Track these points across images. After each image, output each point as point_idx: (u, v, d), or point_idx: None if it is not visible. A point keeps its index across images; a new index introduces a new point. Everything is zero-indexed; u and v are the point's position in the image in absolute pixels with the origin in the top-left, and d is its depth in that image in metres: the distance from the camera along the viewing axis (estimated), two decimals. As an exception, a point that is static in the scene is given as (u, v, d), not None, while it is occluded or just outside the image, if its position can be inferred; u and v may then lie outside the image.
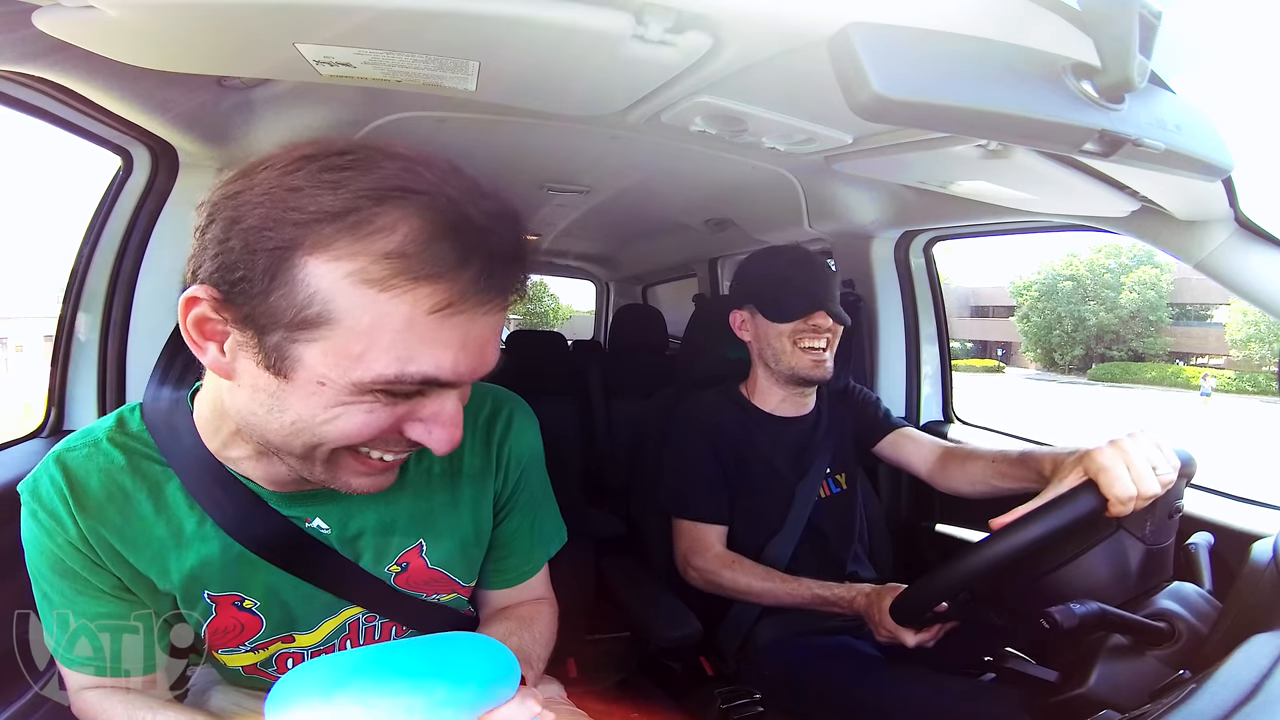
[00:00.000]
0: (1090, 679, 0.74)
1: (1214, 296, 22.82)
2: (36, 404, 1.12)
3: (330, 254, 0.45)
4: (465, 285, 0.46)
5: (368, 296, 0.45)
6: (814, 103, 0.84)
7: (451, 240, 0.46)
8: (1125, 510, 0.75)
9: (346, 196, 0.44)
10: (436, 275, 0.45)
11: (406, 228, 0.45)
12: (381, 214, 0.45)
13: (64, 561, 0.59)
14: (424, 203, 0.45)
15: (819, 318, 1.15)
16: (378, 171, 0.46)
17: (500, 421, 0.73)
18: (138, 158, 1.08)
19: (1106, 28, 0.48)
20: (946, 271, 26.83)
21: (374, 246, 0.45)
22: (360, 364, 0.47)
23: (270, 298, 0.45)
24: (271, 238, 0.45)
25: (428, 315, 0.46)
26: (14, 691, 0.79)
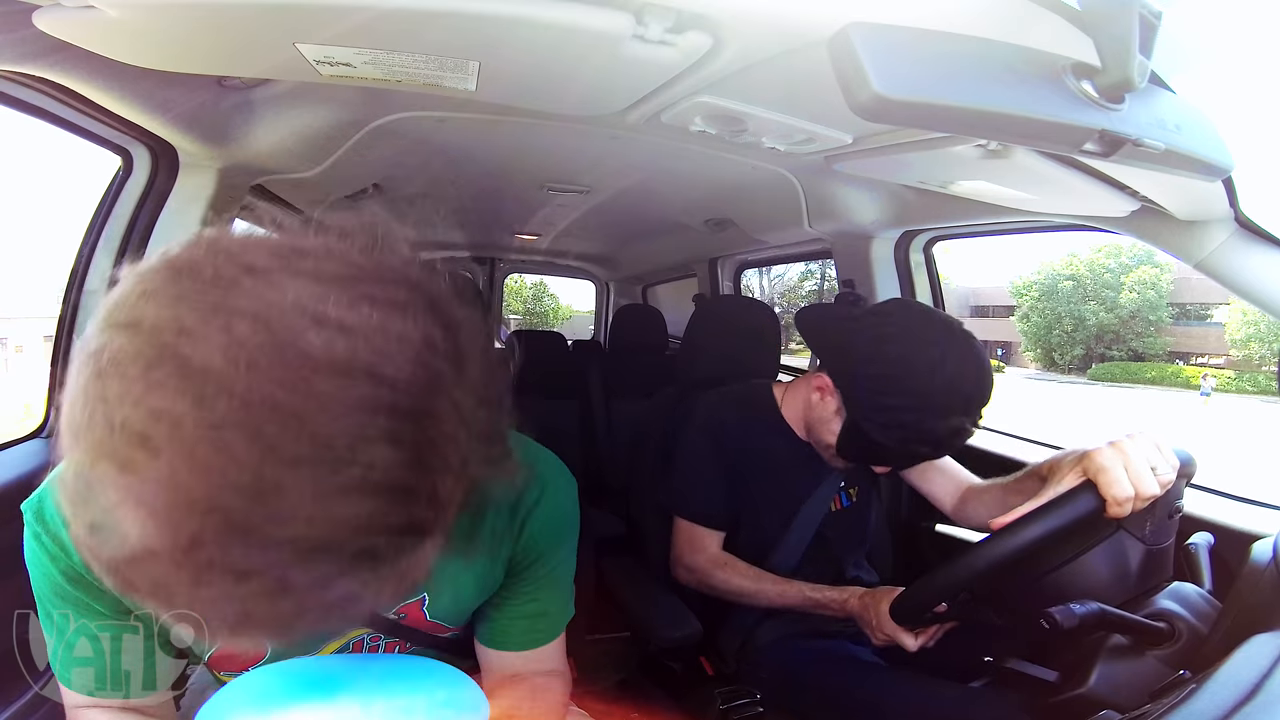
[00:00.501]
0: (1090, 679, 0.74)
1: (1214, 296, 22.80)
2: (36, 404, 1.12)
3: None
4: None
5: None
6: (814, 103, 0.84)
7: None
8: (1123, 511, 0.75)
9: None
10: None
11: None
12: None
13: (66, 586, 0.58)
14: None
15: (882, 469, 1.11)
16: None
17: (532, 493, 0.67)
18: (138, 158, 1.08)
19: (1106, 28, 0.48)
20: (946, 271, 26.79)
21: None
22: None
23: None
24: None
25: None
26: (14, 691, 0.79)
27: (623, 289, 3.88)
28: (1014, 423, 1.74)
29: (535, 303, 29.80)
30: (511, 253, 3.48)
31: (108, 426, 0.31)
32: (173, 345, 0.30)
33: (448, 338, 0.36)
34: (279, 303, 0.31)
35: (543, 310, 29.61)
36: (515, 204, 2.13)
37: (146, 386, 0.30)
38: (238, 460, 0.30)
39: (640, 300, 3.70)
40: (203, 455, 0.30)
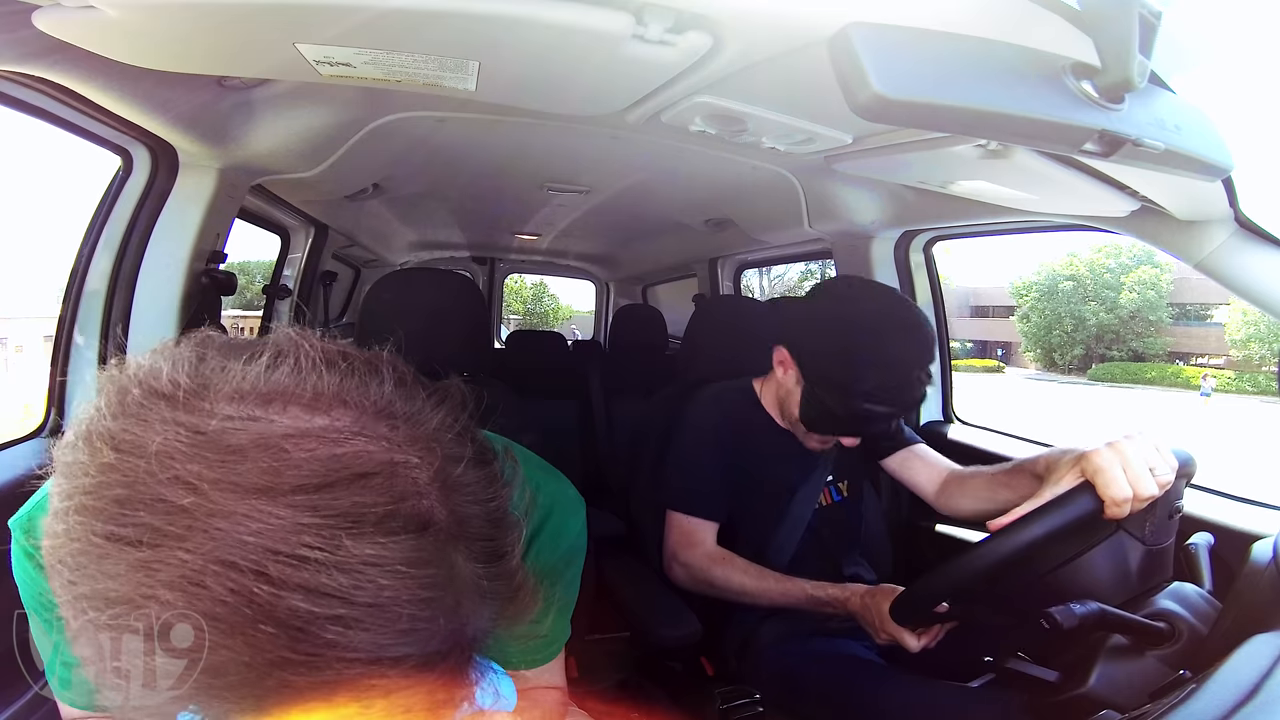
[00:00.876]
0: (1090, 679, 0.74)
1: (1214, 296, 22.78)
2: (36, 404, 1.12)
3: None
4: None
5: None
6: (814, 103, 0.84)
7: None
8: (1122, 512, 0.75)
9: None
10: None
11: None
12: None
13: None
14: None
15: (850, 440, 1.11)
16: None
17: (538, 515, 0.66)
18: (138, 158, 1.08)
19: (1106, 28, 0.48)
20: (946, 271, 26.79)
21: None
22: None
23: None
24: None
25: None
26: (14, 691, 0.79)
27: (623, 289, 3.88)
28: (1013, 423, 1.73)
29: (535, 303, 29.81)
30: (511, 253, 3.49)
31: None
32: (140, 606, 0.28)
33: (451, 522, 0.32)
34: (242, 545, 0.27)
35: (543, 310, 29.61)
36: (515, 204, 2.13)
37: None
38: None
39: (640, 300, 3.70)
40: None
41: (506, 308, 18.20)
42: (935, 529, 1.53)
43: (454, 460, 0.33)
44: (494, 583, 0.34)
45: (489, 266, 3.62)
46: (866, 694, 0.97)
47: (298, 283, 2.13)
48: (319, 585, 0.27)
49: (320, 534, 0.28)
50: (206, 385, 0.31)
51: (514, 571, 0.36)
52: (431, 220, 2.59)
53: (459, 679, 0.33)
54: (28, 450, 1.02)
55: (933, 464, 1.20)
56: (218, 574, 0.27)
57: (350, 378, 0.32)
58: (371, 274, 2.96)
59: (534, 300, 29.79)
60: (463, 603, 0.32)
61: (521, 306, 29.02)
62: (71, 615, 0.30)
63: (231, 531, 0.27)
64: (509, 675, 0.66)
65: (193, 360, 0.32)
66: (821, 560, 1.18)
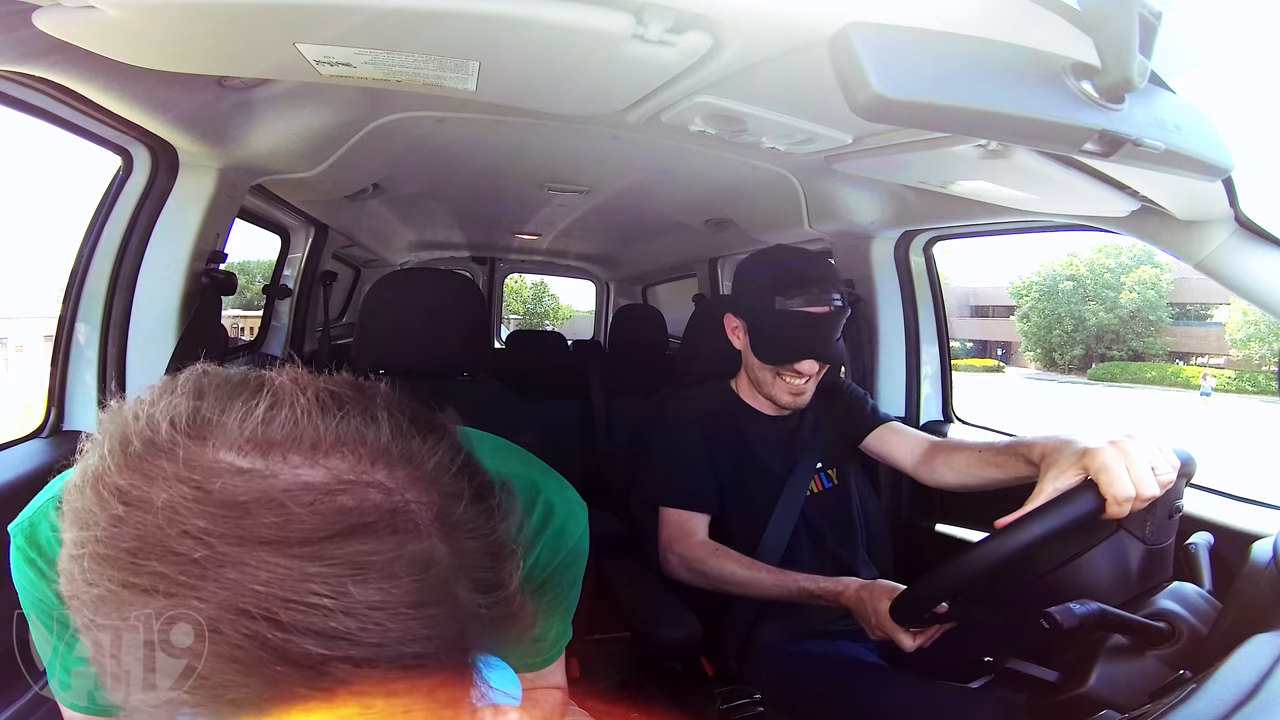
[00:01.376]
0: (1090, 679, 0.74)
1: (1214, 296, 22.80)
2: (36, 404, 1.12)
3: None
4: None
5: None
6: (814, 103, 0.84)
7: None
8: (1123, 511, 0.75)
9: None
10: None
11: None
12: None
13: (61, 609, 0.58)
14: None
15: (805, 365, 1.14)
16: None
17: (537, 518, 0.65)
18: (138, 158, 1.08)
19: (1106, 28, 0.48)
20: (946, 271, 26.81)
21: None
22: None
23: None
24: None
25: None
26: (14, 691, 0.79)
27: (623, 289, 3.88)
28: (1013, 423, 1.74)
29: (535, 303, 29.82)
30: (511, 253, 3.48)
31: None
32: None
33: (452, 559, 0.33)
34: (254, 594, 0.29)
35: (543, 310, 29.62)
36: (515, 204, 2.13)
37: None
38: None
39: (640, 300, 3.70)
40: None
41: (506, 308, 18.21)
42: (935, 529, 1.53)
43: (453, 498, 0.34)
44: (493, 609, 0.35)
45: (489, 266, 3.61)
46: (866, 694, 0.97)
47: (298, 283, 2.13)
48: (328, 629, 0.29)
49: (327, 582, 0.29)
50: (205, 437, 0.31)
51: (512, 597, 0.37)
52: (431, 220, 2.59)
53: (461, 697, 0.34)
54: (28, 450, 1.02)
55: (909, 437, 1.23)
56: (232, 620, 0.28)
57: (346, 422, 0.33)
58: (371, 274, 2.96)
59: (534, 300, 29.81)
60: (464, 631, 0.33)
61: (521, 306, 29.03)
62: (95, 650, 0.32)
63: (242, 581, 0.29)
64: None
65: (189, 409, 0.32)
66: (817, 552, 1.19)
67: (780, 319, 1.13)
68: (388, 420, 0.34)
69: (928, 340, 1.67)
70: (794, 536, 1.17)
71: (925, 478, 1.17)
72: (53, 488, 0.57)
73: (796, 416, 1.26)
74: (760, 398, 1.24)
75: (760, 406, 1.25)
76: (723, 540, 1.16)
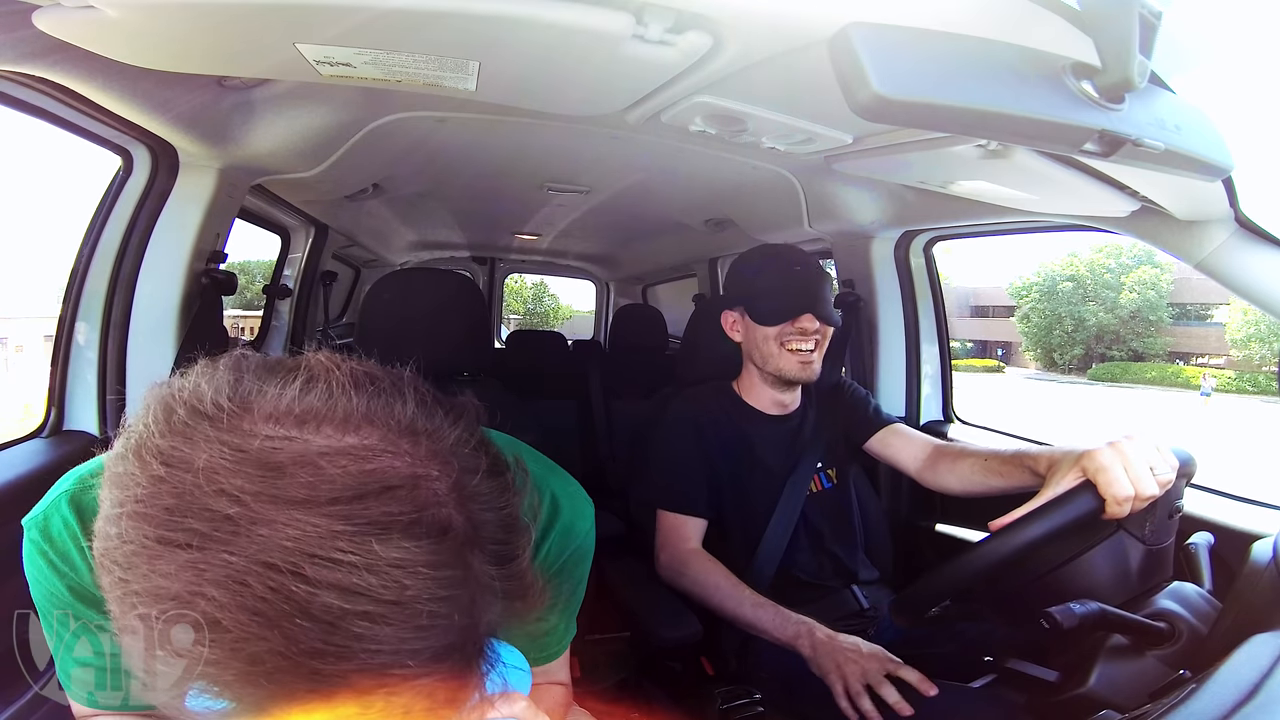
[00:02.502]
0: (1090, 679, 0.74)
1: (1214, 296, 22.80)
2: (36, 404, 1.12)
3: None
4: None
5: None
6: (814, 103, 0.84)
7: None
8: (1123, 511, 0.75)
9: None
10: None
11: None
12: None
13: (74, 603, 0.58)
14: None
15: (805, 320, 1.15)
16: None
17: (545, 515, 0.66)
18: (138, 158, 1.08)
19: (1106, 28, 0.48)
20: (946, 271, 26.82)
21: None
22: None
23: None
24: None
25: None
26: (14, 691, 0.79)
27: (623, 289, 3.88)
28: (1013, 423, 1.74)
29: (535, 303, 29.82)
30: (511, 253, 3.49)
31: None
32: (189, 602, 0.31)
33: (468, 528, 0.35)
34: (282, 549, 0.31)
35: (543, 310, 29.62)
36: (515, 204, 2.13)
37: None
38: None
39: (640, 300, 3.70)
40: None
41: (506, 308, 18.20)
42: (935, 529, 1.53)
43: (470, 471, 0.37)
44: (506, 582, 0.37)
45: (489, 266, 3.62)
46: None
47: (298, 283, 2.13)
48: (350, 584, 0.31)
49: (352, 539, 0.31)
50: (247, 407, 0.34)
51: (524, 572, 0.39)
52: (431, 220, 2.59)
53: (470, 669, 0.36)
54: (28, 450, 1.02)
55: (913, 439, 1.23)
56: (259, 574, 0.30)
57: (377, 399, 0.36)
58: (371, 274, 2.96)
59: (534, 300, 29.81)
60: (477, 600, 0.35)
61: (521, 306, 29.03)
62: (120, 611, 0.34)
63: (272, 537, 0.30)
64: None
65: (231, 382, 0.35)
66: (816, 550, 1.19)
67: (771, 281, 1.19)
68: (413, 397, 0.37)
69: (928, 340, 1.67)
70: (793, 535, 1.17)
71: (929, 482, 1.17)
72: (65, 482, 0.58)
73: (798, 416, 1.26)
74: (762, 398, 1.24)
75: (762, 406, 1.24)
76: (722, 540, 1.16)
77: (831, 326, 1.18)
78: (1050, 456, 0.88)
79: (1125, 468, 0.75)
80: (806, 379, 1.19)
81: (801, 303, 1.15)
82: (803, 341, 1.17)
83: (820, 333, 1.17)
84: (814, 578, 1.17)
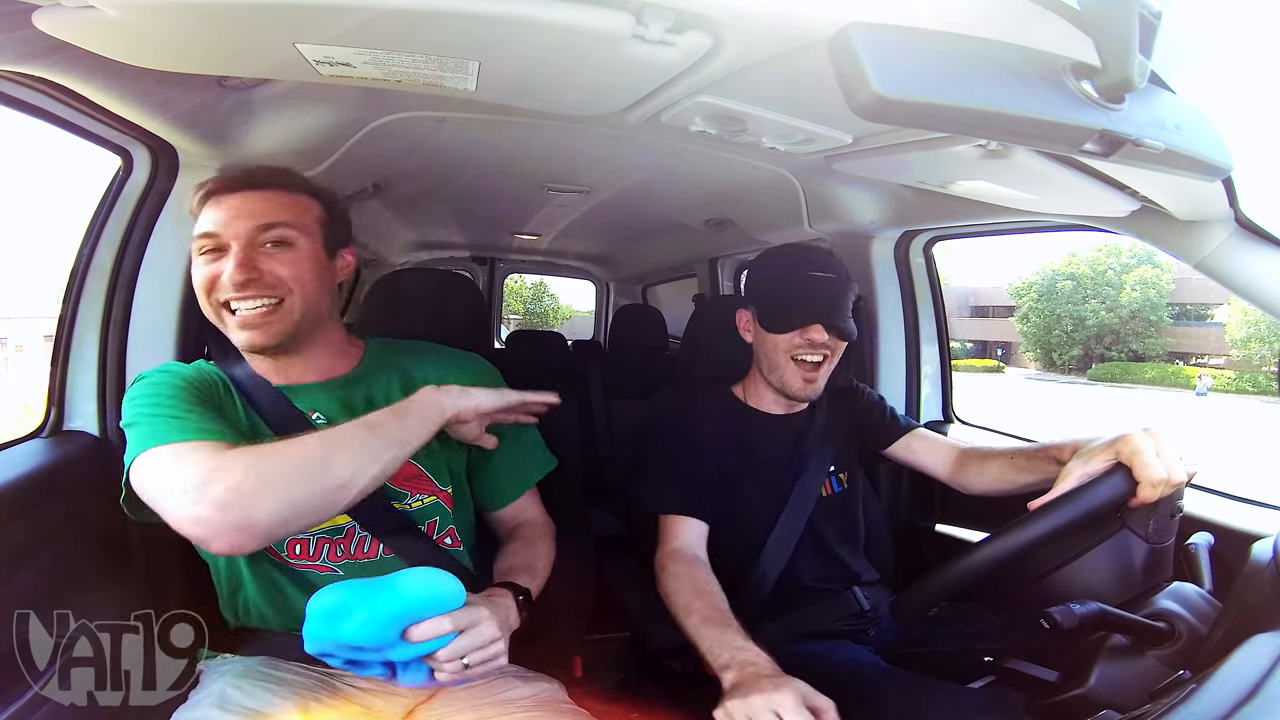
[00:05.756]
0: (1090, 679, 0.74)
1: (1214, 296, 22.81)
2: (36, 404, 1.12)
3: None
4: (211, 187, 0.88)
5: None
6: (814, 103, 0.84)
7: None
8: (1155, 495, 0.77)
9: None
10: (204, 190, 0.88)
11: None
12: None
13: (182, 389, 0.82)
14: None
15: (814, 331, 1.11)
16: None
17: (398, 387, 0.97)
18: (138, 158, 1.08)
19: (1106, 28, 0.48)
20: (946, 271, 26.81)
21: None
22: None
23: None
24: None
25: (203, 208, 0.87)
26: (14, 691, 0.79)
27: (623, 289, 3.88)
28: (1014, 423, 1.74)
29: (535, 303, 29.82)
30: (511, 253, 3.48)
31: None
32: None
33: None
34: None
35: (542, 310, 29.61)
36: (515, 204, 2.13)
37: None
38: None
39: (640, 300, 3.70)
40: None
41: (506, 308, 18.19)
42: (935, 529, 1.53)
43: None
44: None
45: (489, 266, 3.61)
46: (866, 695, 0.97)
47: (298, 283, 2.13)
48: None
49: None
50: None
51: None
52: (431, 220, 2.59)
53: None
54: (28, 450, 1.02)
55: (937, 444, 1.22)
56: None
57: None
58: (371, 274, 2.96)
59: (534, 300, 29.81)
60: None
61: (521, 306, 29.03)
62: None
63: None
64: (505, 510, 1.04)
65: None
66: (820, 553, 1.18)
67: (783, 286, 1.16)
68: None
69: (928, 340, 1.67)
70: (798, 539, 1.16)
71: (961, 485, 1.16)
72: (157, 367, 0.89)
73: (805, 416, 1.24)
74: (765, 399, 1.22)
75: (765, 406, 1.22)
76: (720, 544, 1.14)
77: (844, 340, 1.14)
78: (1074, 444, 0.90)
79: (1159, 452, 0.77)
80: (807, 398, 1.17)
81: (812, 312, 1.11)
82: (810, 353, 1.13)
83: (829, 346, 1.13)
84: (817, 581, 1.16)
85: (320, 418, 0.90)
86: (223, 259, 0.84)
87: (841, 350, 1.16)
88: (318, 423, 0.89)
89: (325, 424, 0.88)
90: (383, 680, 0.74)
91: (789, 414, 1.23)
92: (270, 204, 0.86)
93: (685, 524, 1.12)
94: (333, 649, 0.70)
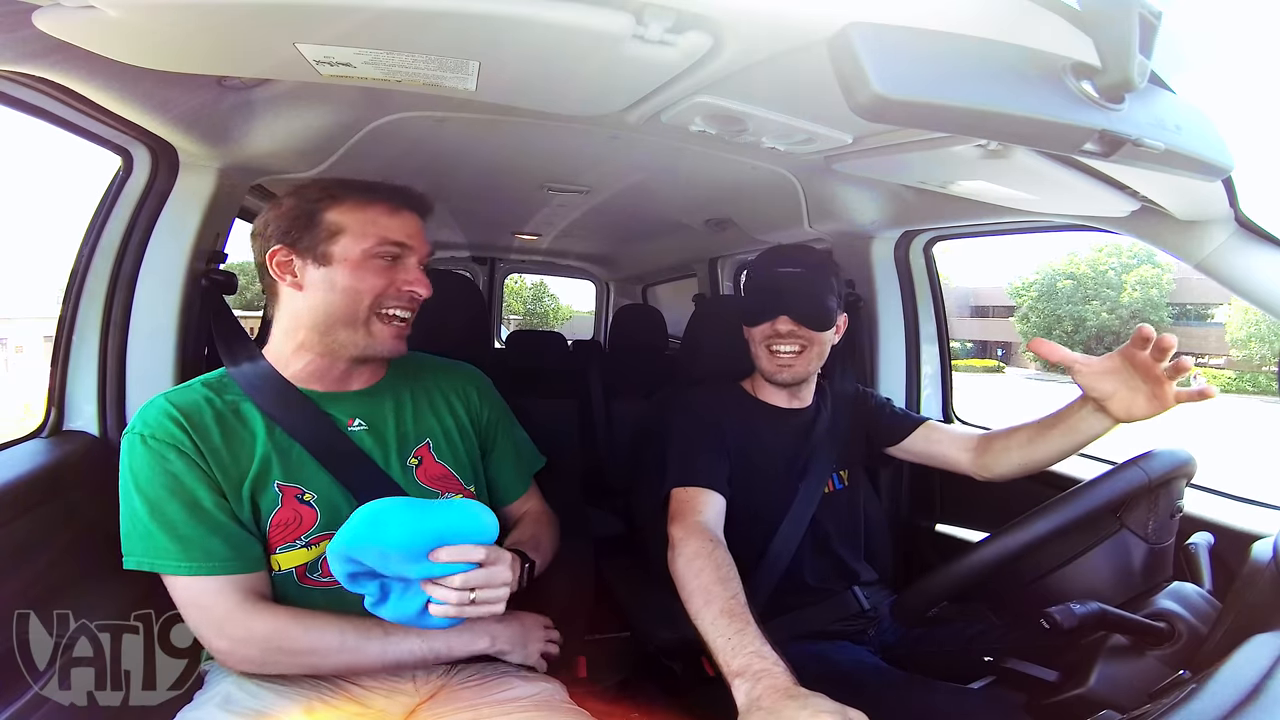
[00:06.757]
0: (1090, 679, 0.74)
1: (1214, 296, 22.81)
2: (36, 404, 1.12)
3: (337, 206, 0.89)
4: (388, 197, 0.92)
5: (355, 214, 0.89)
6: (814, 103, 0.84)
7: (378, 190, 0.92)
8: None
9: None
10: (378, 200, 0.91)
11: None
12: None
13: (174, 474, 0.79)
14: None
15: (780, 323, 1.14)
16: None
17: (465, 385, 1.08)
18: (138, 158, 1.08)
19: (1106, 28, 0.48)
20: (946, 271, 26.81)
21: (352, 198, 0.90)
22: (360, 241, 0.88)
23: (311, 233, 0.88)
24: (306, 208, 0.89)
25: (379, 215, 0.90)
26: (14, 691, 0.79)
27: (623, 289, 3.88)
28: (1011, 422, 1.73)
29: (535, 303, 29.82)
30: (511, 253, 3.48)
31: None
32: None
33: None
34: None
35: (542, 310, 29.61)
36: (515, 204, 2.12)
37: None
38: None
39: (640, 300, 3.70)
40: None
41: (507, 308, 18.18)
42: (935, 529, 1.53)
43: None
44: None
45: (489, 266, 3.61)
46: (867, 695, 0.97)
47: (298, 283, 2.13)
48: None
49: None
50: None
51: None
52: (431, 220, 2.58)
53: None
54: (28, 450, 1.02)
55: (954, 433, 1.23)
56: None
57: None
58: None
59: (534, 300, 29.81)
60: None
61: (521, 307, 29.04)
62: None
63: None
64: (513, 505, 1.09)
65: None
66: (822, 551, 1.18)
67: (755, 281, 1.24)
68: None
69: (928, 340, 1.67)
70: (801, 537, 1.16)
71: (986, 470, 1.14)
72: (160, 395, 0.85)
73: (810, 413, 1.24)
74: (768, 391, 1.24)
75: (771, 400, 1.24)
76: (735, 536, 1.04)
77: (819, 329, 1.15)
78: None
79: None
80: (784, 382, 1.18)
81: (776, 304, 1.15)
82: (781, 343, 1.16)
83: (802, 336, 1.15)
84: (818, 580, 1.17)
85: (360, 423, 0.93)
86: (396, 269, 0.90)
87: (824, 339, 1.17)
88: (357, 430, 0.92)
89: (365, 429, 0.92)
90: (368, 609, 0.77)
91: (794, 409, 1.24)
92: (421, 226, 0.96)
93: (706, 497, 1.05)
94: (354, 552, 0.73)
